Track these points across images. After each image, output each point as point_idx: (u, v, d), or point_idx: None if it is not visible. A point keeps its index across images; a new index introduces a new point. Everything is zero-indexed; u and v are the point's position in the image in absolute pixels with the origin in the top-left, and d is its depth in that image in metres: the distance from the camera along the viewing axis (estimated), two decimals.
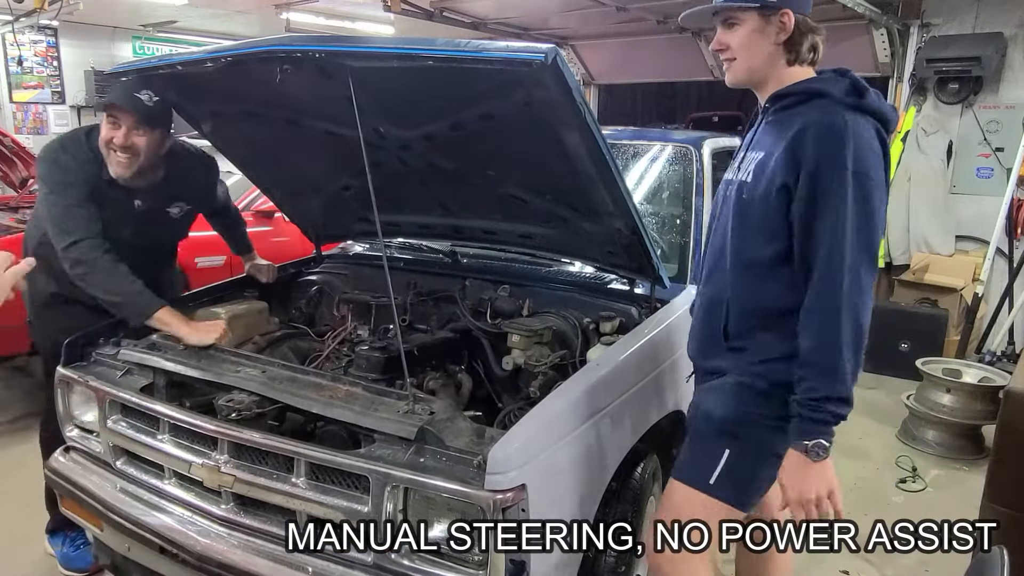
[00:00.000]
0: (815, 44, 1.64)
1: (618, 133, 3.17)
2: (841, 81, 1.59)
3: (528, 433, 1.63)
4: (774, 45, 1.62)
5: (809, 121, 1.53)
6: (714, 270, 1.76)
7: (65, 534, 2.60)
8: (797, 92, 1.61)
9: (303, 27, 7.40)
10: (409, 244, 2.97)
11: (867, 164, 1.49)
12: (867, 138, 1.52)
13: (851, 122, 1.51)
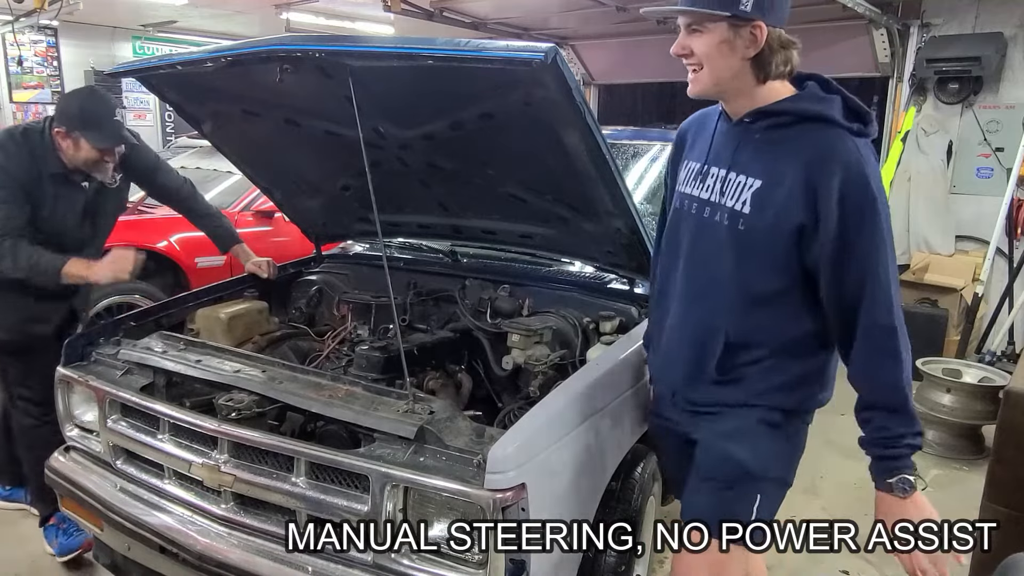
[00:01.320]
0: (789, 58, 1.48)
1: (618, 133, 3.17)
2: (834, 102, 1.48)
3: (528, 432, 1.63)
4: (742, 60, 1.46)
5: (822, 153, 1.42)
6: (700, 298, 1.62)
7: (56, 527, 2.65)
8: (790, 113, 1.48)
9: (303, 27, 7.40)
10: (409, 244, 2.97)
11: (883, 190, 1.45)
12: (874, 163, 1.46)
13: (863, 150, 1.44)
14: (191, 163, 5.09)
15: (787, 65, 1.49)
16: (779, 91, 1.51)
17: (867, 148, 1.45)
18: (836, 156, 1.41)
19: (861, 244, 1.41)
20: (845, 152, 1.42)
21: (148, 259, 4.14)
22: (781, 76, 1.50)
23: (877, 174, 1.44)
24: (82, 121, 2.37)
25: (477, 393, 2.32)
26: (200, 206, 2.93)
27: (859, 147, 1.43)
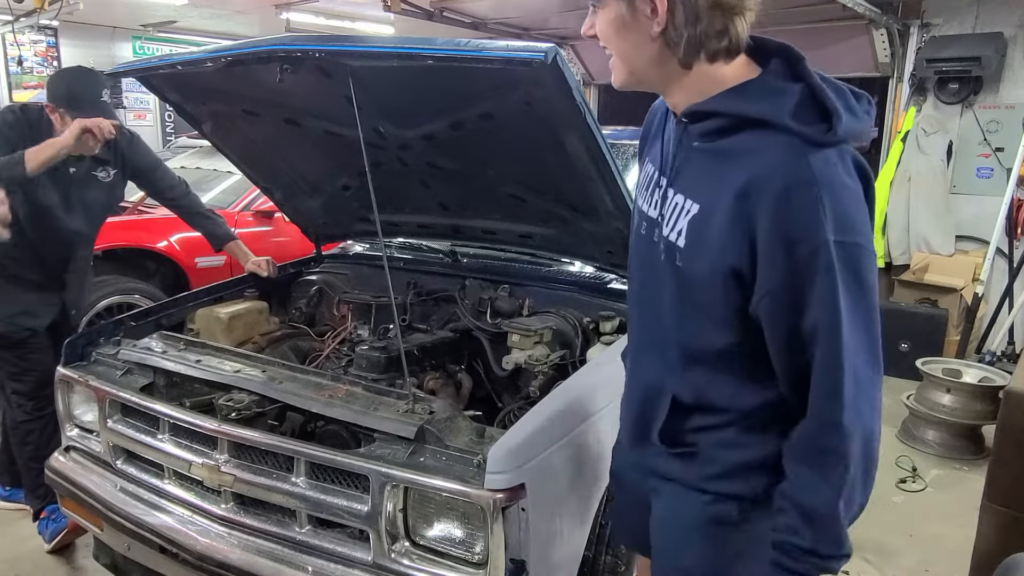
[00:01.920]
0: (725, 29, 1.08)
1: (618, 133, 3.17)
2: (787, 95, 1.07)
3: (528, 433, 1.63)
4: (651, 40, 1.10)
5: (758, 176, 1.04)
6: (648, 347, 1.30)
7: (47, 518, 2.68)
8: (725, 115, 1.11)
9: (303, 27, 7.40)
10: (409, 244, 2.97)
11: (853, 224, 1.03)
12: (846, 184, 1.04)
13: (820, 168, 1.02)
14: (191, 163, 5.09)
15: (723, 39, 1.08)
16: (724, 77, 1.12)
17: (830, 162, 1.04)
18: (776, 180, 1.03)
19: (810, 307, 1.04)
20: (791, 173, 1.03)
21: (148, 259, 4.18)
22: (720, 55, 1.10)
23: (844, 198, 1.03)
24: (67, 98, 2.42)
25: (477, 393, 2.32)
26: (195, 205, 2.96)
27: (816, 164, 1.03)
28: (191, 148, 5.64)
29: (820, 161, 1.03)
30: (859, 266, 1.04)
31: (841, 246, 1.02)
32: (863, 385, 1.07)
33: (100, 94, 2.46)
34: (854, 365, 1.06)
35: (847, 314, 1.04)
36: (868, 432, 1.09)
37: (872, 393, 1.09)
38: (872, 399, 1.09)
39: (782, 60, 1.12)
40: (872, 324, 1.08)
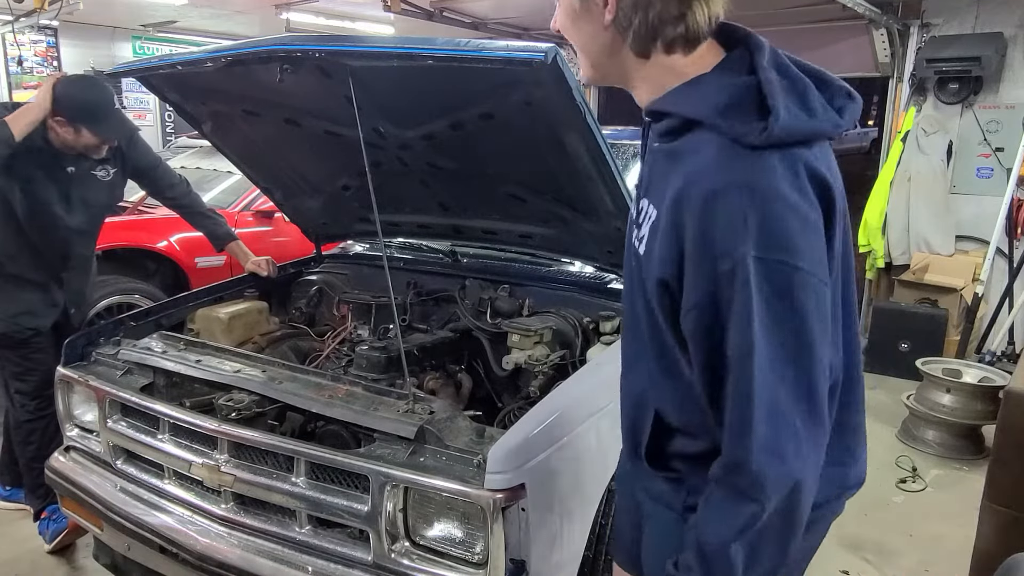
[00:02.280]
0: (681, 15, 0.98)
1: (618, 133, 3.17)
2: (728, 88, 0.98)
3: (528, 433, 1.63)
4: (604, 29, 1.03)
5: (689, 181, 0.96)
6: (633, 356, 1.20)
7: (48, 519, 2.68)
8: (670, 114, 1.03)
9: (303, 27, 7.40)
10: (409, 244, 2.97)
11: (782, 240, 0.91)
12: (782, 194, 0.91)
13: (749, 174, 0.92)
14: (191, 163, 5.09)
15: (679, 26, 0.99)
16: (684, 70, 1.03)
17: (770, 170, 0.92)
18: (703, 184, 0.94)
19: (728, 329, 0.94)
20: (717, 178, 0.93)
21: (148, 259, 4.18)
22: (678, 44, 1.01)
23: (773, 212, 0.90)
24: (88, 114, 2.42)
25: (477, 393, 2.32)
26: (196, 204, 2.96)
27: (745, 169, 0.92)
28: (191, 148, 5.64)
29: (753, 166, 0.92)
30: (784, 288, 0.91)
31: (762, 263, 0.90)
32: (784, 423, 0.92)
33: (114, 104, 2.48)
34: (771, 399, 0.92)
35: (763, 340, 0.91)
36: (791, 481, 0.93)
37: (800, 435, 0.93)
38: (800, 442, 0.93)
39: (744, 50, 1.02)
40: (803, 358, 0.93)
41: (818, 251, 0.94)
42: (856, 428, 1.19)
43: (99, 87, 2.50)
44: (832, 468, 1.08)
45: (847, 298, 1.11)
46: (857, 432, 1.20)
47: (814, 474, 0.96)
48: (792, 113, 0.94)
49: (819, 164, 0.96)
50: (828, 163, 0.99)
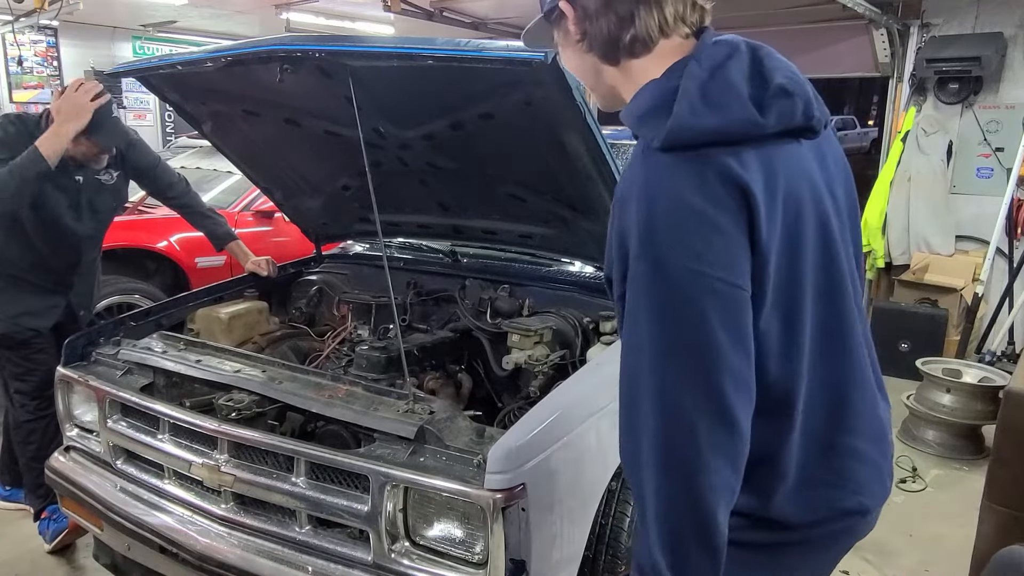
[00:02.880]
0: (629, 12, 1.02)
1: (618, 133, 3.16)
2: (656, 90, 1.00)
3: (528, 432, 1.63)
4: (582, 52, 1.10)
5: (619, 184, 1.03)
6: None
7: (48, 519, 2.68)
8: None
9: (303, 27, 7.41)
10: (409, 244, 2.97)
11: (665, 242, 0.92)
12: (675, 194, 0.93)
13: (648, 177, 0.95)
14: (191, 163, 5.09)
15: (629, 29, 1.03)
16: (647, 74, 1.05)
17: (668, 170, 0.94)
18: (617, 191, 1.02)
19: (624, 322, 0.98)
20: (624, 180, 1.00)
21: (148, 259, 4.18)
22: (638, 47, 1.05)
23: (659, 212, 0.93)
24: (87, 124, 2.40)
25: (477, 393, 2.32)
26: (196, 204, 2.96)
27: (646, 171, 0.96)
28: (191, 148, 5.65)
29: (652, 168, 0.95)
30: (661, 286, 0.92)
31: (644, 261, 0.93)
32: (640, 419, 0.94)
33: (113, 112, 2.47)
34: (638, 394, 0.94)
35: (649, 345, 0.93)
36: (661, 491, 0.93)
37: (684, 451, 0.92)
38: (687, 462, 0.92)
39: (706, 49, 1.02)
40: (686, 356, 0.92)
41: (723, 254, 0.92)
42: (854, 453, 1.13)
43: None
44: (813, 490, 1.08)
45: (840, 313, 1.08)
46: (856, 458, 1.14)
47: (707, 479, 0.93)
48: (694, 112, 0.94)
49: (739, 167, 0.93)
50: (766, 166, 0.96)
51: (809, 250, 1.02)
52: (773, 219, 0.96)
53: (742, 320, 0.94)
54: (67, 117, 2.31)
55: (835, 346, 1.09)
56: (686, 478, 0.93)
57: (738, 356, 0.93)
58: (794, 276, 1.01)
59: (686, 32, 1.05)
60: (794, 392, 1.04)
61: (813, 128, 1.04)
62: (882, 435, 1.20)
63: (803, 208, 1.01)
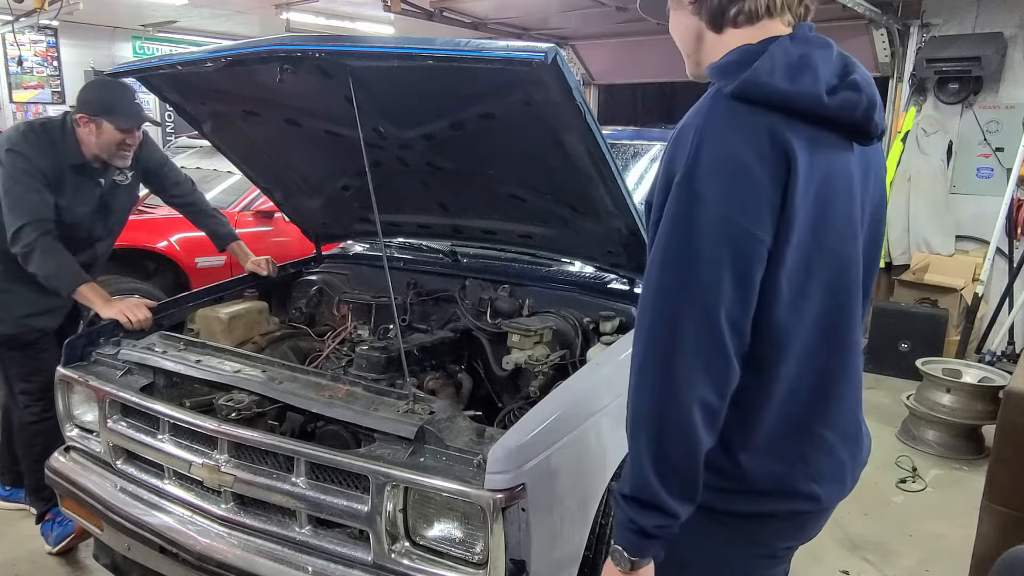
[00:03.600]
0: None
1: (618, 133, 3.17)
2: (742, 51, 1.08)
3: (528, 433, 1.63)
4: (690, 14, 1.18)
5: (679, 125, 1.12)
6: None
7: (52, 521, 2.68)
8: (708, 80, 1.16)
9: (303, 27, 7.41)
10: (409, 244, 2.97)
11: (705, 174, 1.01)
12: (724, 137, 1.02)
13: (707, 117, 1.05)
14: (191, 163, 5.09)
15: (739, 2, 1.11)
16: (725, 50, 1.15)
17: (726, 115, 1.04)
18: (679, 123, 1.12)
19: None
20: (686, 118, 1.09)
21: (148, 259, 4.18)
22: (741, 19, 1.13)
23: (708, 152, 1.02)
24: (105, 105, 2.48)
25: (477, 393, 2.32)
26: (200, 203, 2.98)
27: (708, 110, 1.06)
28: (191, 148, 5.65)
29: (713, 110, 1.04)
30: (685, 207, 1.02)
31: (680, 187, 1.03)
32: (657, 342, 1.04)
33: (134, 97, 2.54)
34: (654, 313, 1.05)
35: (658, 255, 1.05)
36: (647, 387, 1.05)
37: (665, 359, 1.04)
38: (664, 366, 1.04)
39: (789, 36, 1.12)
40: (686, 276, 1.02)
41: (749, 201, 1.01)
42: (823, 443, 1.19)
43: (117, 84, 2.56)
44: (774, 462, 1.15)
45: (844, 310, 1.14)
46: (824, 449, 1.19)
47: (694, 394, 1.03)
48: (770, 73, 1.02)
49: (791, 136, 1.01)
50: (813, 149, 1.03)
51: (829, 241, 1.09)
52: (806, 195, 1.03)
53: (751, 268, 1.03)
54: (115, 308, 2.35)
55: (833, 340, 1.15)
56: (675, 389, 1.03)
57: (737, 298, 1.03)
58: (809, 257, 1.07)
59: (789, 20, 1.13)
60: (780, 352, 1.11)
61: (869, 130, 1.10)
62: (856, 436, 1.26)
63: (834, 202, 1.08)
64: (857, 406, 1.26)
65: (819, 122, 1.05)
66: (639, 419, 1.07)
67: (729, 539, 1.21)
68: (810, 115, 1.04)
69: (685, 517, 1.09)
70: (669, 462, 1.06)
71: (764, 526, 1.21)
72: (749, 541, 1.22)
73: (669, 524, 1.08)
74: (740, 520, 1.19)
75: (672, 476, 1.06)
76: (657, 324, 1.05)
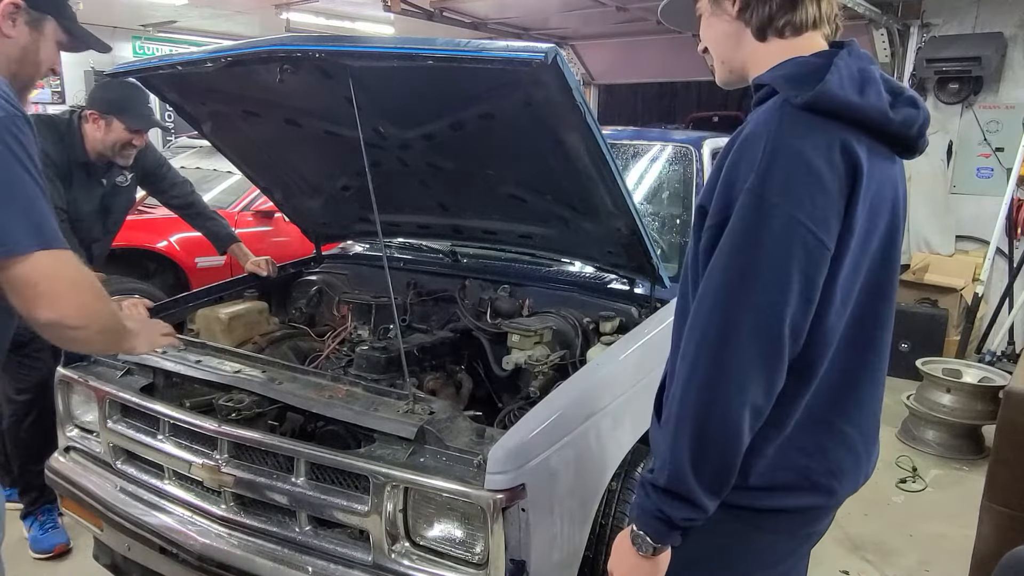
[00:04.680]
0: (793, 6, 1.15)
1: (618, 133, 3.17)
2: (802, 64, 1.11)
3: (528, 433, 1.63)
4: (732, 20, 1.20)
5: (742, 129, 1.13)
6: (677, 338, 1.32)
7: (35, 517, 2.70)
8: (763, 84, 1.15)
9: (303, 27, 7.41)
10: (409, 244, 2.96)
11: (778, 182, 1.03)
12: (798, 148, 1.03)
13: (780, 127, 1.05)
14: (191, 163, 5.10)
15: (788, 14, 1.15)
16: (789, 53, 1.17)
17: (795, 128, 1.06)
18: (744, 131, 1.12)
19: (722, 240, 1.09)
20: (753, 126, 1.10)
21: (148, 259, 4.18)
22: (787, 30, 1.16)
23: (780, 164, 1.03)
24: (119, 105, 2.52)
25: (477, 393, 2.32)
26: (198, 205, 2.98)
27: (779, 121, 1.07)
28: (191, 148, 5.65)
29: (785, 120, 1.06)
30: (755, 215, 1.03)
31: (750, 194, 1.04)
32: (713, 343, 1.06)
33: (147, 103, 2.58)
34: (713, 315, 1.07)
35: (724, 259, 1.07)
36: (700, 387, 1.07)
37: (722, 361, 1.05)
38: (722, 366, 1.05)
39: (839, 50, 1.15)
40: (752, 283, 1.04)
41: (819, 210, 1.03)
42: (844, 438, 1.21)
43: (133, 86, 2.59)
44: (795, 454, 1.18)
45: (879, 313, 1.18)
46: (844, 444, 1.22)
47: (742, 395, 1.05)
48: (842, 86, 1.06)
49: (859, 148, 1.06)
50: (871, 159, 1.07)
51: (875, 246, 1.14)
52: (865, 202, 1.08)
53: (817, 276, 1.05)
54: None
55: (865, 339, 1.19)
56: (728, 391, 1.05)
57: (802, 304, 1.05)
58: (858, 264, 1.12)
59: (827, 33, 1.19)
60: (823, 357, 1.14)
61: (918, 146, 1.17)
62: (874, 435, 1.29)
63: (882, 210, 1.13)
64: (879, 406, 1.28)
65: (878, 135, 1.10)
66: (685, 413, 1.08)
67: (744, 534, 1.22)
68: (874, 128, 1.08)
69: (711, 511, 1.12)
70: (708, 459, 1.08)
71: (778, 522, 1.23)
72: (767, 533, 1.24)
73: (697, 517, 1.11)
74: (757, 515, 1.20)
75: (709, 473, 1.09)
76: (717, 324, 1.06)
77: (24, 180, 1.23)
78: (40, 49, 1.46)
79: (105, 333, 1.39)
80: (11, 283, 1.23)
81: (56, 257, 1.25)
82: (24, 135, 1.25)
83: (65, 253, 1.27)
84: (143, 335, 1.63)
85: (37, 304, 1.24)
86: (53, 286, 1.25)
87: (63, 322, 1.27)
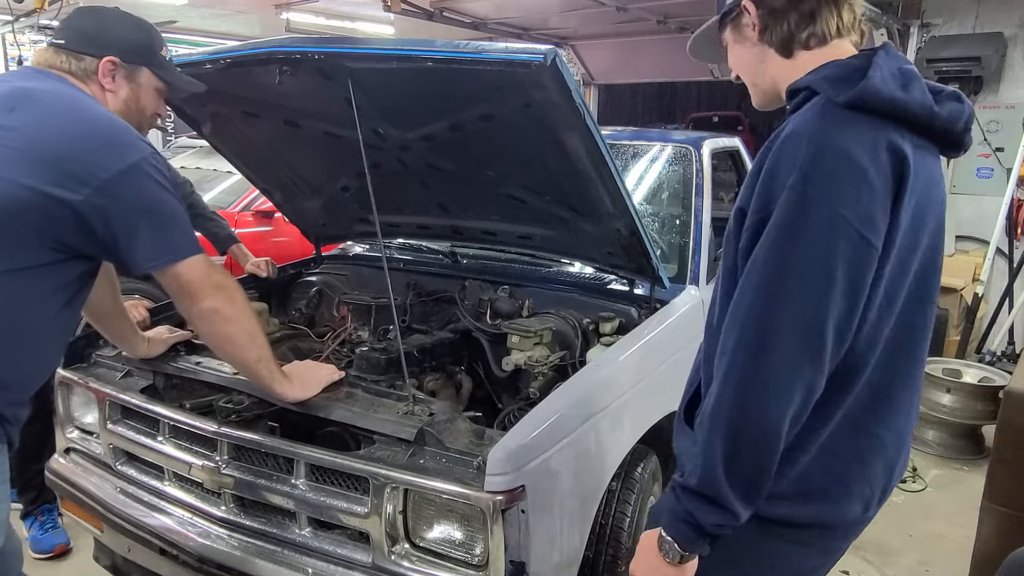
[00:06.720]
0: (811, 11, 1.15)
1: (618, 133, 3.17)
2: (843, 66, 1.10)
3: (528, 434, 1.63)
4: (755, 44, 1.21)
5: (783, 129, 1.11)
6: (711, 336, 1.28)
7: (35, 517, 2.70)
8: (800, 89, 1.15)
9: (303, 27, 7.41)
10: (409, 245, 2.97)
11: (822, 180, 1.01)
12: (843, 146, 1.01)
13: (823, 126, 1.04)
14: (191, 163, 5.10)
15: (810, 26, 1.15)
16: (805, 68, 1.17)
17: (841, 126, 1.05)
18: (785, 130, 1.10)
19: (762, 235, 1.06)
20: (795, 126, 1.08)
21: None
22: (813, 40, 1.16)
23: (826, 161, 1.02)
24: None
25: (477, 394, 2.32)
26: (198, 206, 2.97)
27: (823, 119, 1.06)
28: (191, 148, 5.65)
29: (829, 119, 1.04)
30: (798, 211, 1.01)
31: (790, 190, 1.02)
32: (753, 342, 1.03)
33: None
34: (753, 310, 1.04)
35: (765, 254, 1.04)
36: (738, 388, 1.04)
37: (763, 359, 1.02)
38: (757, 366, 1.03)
39: (874, 51, 1.14)
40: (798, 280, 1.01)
41: (865, 208, 1.01)
42: (878, 442, 1.18)
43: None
44: (835, 460, 1.14)
45: (921, 319, 1.16)
46: (878, 450, 1.19)
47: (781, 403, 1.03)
48: (885, 82, 1.04)
49: (905, 145, 1.04)
50: (916, 158, 1.05)
51: (920, 250, 1.11)
52: (910, 202, 1.05)
53: (863, 274, 1.02)
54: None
55: (906, 344, 1.16)
56: (766, 395, 1.03)
57: (846, 304, 1.02)
58: (905, 264, 1.09)
59: (855, 39, 1.19)
60: (867, 358, 1.11)
61: (964, 142, 1.14)
62: (903, 438, 1.25)
63: (928, 210, 1.11)
64: (912, 411, 1.25)
65: (924, 132, 1.08)
66: (719, 416, 1.06)
67: (772, 546, 1.19)
68: (920, 124, 1.06)
69: (744, 520, 1.09)
70: (742, 463, 1.05)
71: (811, 535, 1.20)
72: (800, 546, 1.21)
73: (728, 524, 1.08)
74: (788, 528, 1.17)
75: (742, 477, 1.06)
76: (758, 326, 1.03)
77: (173, 202, 1.52)
78: (139, 97, 1.67)
79: (255, 338, 1.67)
80: (177, 281, 1.53)
81: (205, 259, 1.58)
82: (162, 165, 1.54)
83: (207, 256, 1.59)
84: (298, 380, 1.78)
85: (200, 296, 1.55)
86: (212, 279, 1.58)
87: (220, 312, 1.58)
